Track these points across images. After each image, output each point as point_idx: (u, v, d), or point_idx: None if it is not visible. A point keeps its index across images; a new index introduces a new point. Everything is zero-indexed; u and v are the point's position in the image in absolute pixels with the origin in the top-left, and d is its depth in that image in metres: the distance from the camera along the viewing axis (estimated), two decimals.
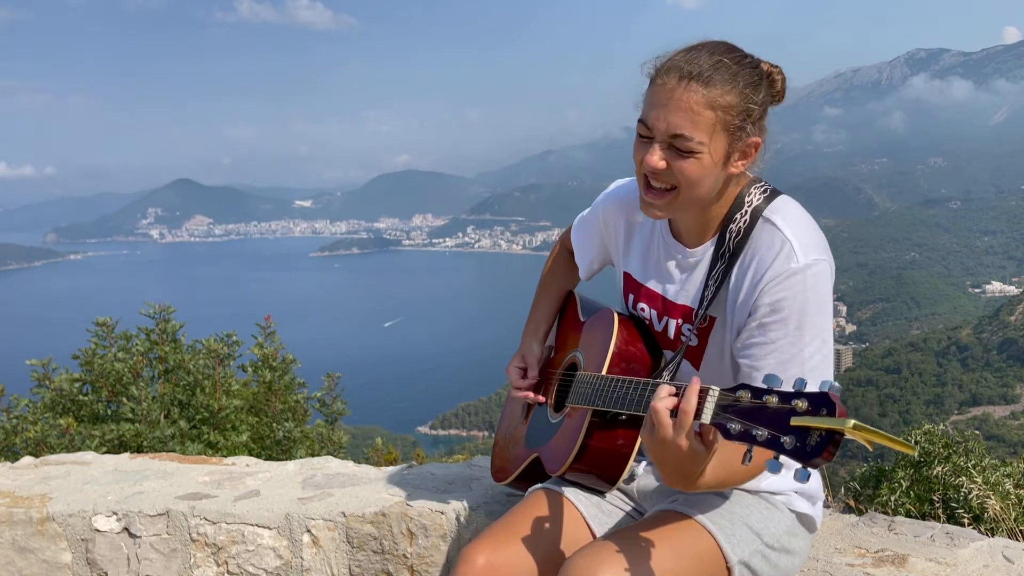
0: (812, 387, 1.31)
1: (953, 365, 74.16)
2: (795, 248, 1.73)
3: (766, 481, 1.91)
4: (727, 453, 1.68)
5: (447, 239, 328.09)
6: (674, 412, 1.49)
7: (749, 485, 1.90)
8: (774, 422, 1.30)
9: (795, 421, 1.26)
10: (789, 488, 1.93)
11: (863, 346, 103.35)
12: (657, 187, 1.76)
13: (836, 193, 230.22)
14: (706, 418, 1.41)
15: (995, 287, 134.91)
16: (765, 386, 1.34)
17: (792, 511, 1.92)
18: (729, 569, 1.79)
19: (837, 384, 1.27)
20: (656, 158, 1.71)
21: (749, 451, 1.34)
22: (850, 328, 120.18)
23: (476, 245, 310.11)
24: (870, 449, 1.25)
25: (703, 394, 1.45)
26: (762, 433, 1.31)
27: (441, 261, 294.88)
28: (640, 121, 1.76)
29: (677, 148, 1.70)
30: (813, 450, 1.24)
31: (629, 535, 1.78)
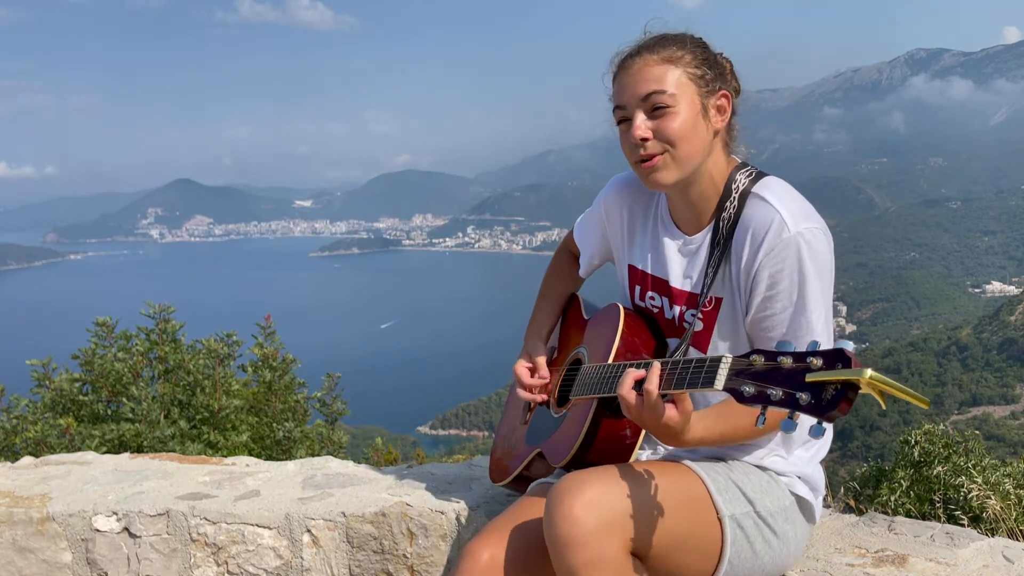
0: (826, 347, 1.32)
1: (953, 365, 74.07)
2: (785, 218, 1.78)
3: (770, 459, 1.92)
4: (726, 409, 1.74)
5: (447, 239, 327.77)
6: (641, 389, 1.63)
7: (753, 460, 1.92)
8: (789, 381, 1.31)
9: (811, 377, 1.26)
10: (792, 471, 1.94)
11: (863, 346, 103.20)
12: (651, 155, 1.83)
13: (836, 193, 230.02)
14: (719, 385, 1.43)
15: (995, 287, 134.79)
16: (778, 349, 1.34)
17: (793, 493, 1.93)
18: (720, 521, 1.79)
19: (851, 343, 1.27)
20: (641, 127, 1.80)
21: (763, 413, 1.34)
22: (850, 328, 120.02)
23: (476, 245, 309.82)
24: (883, 407, 1.24)
25: (705, 363, 1.50)
26: (777, 392, 1.31)
27: (441, 261, 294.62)
28: (615, 109, 1.87)
29: (653, 109, 1.80)
30: (829, 403, 1.25)
31: (626, 466, 1.80)
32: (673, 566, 1.75)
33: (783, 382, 1.31)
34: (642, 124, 1.80)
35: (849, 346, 1.26)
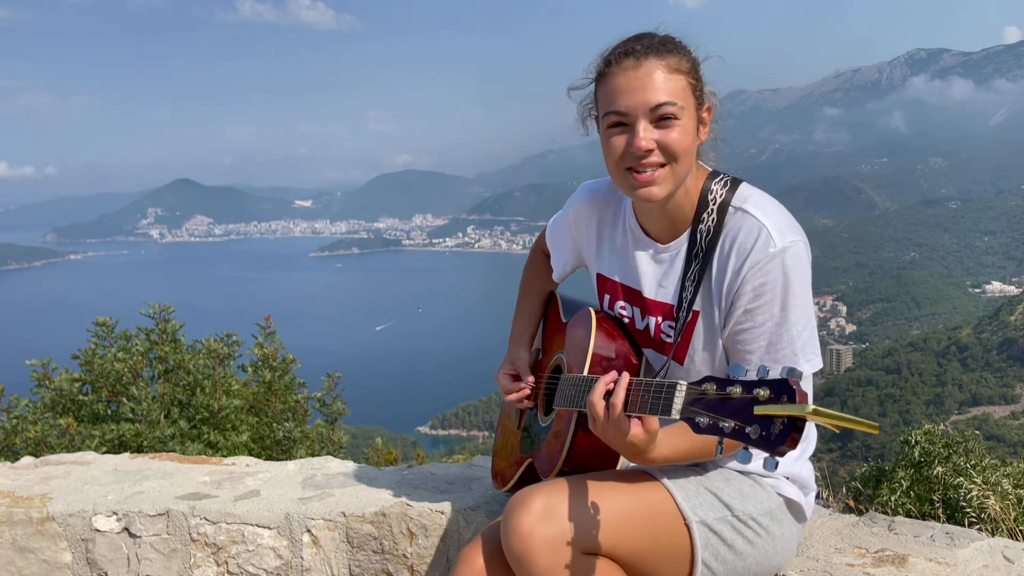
0: (797, 364, 1.30)
1: (953, 365, 74.07)
2: (771, 232, 1.76)
3: (755, 463, 1.91)
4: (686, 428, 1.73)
5: (447, 239, 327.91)
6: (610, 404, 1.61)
7: (736, 465, 1.92)
8: (738, 412, 1.31)
9: (758, 410, 1.26)
10: (780, 472, 1.93)
11: (863, 346, 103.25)
12: (648, 170, 1.76)
13: (836, 193, 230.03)
14: (675, 414, 1.43)
15: (995, 287, 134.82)
16: (730, 376, 1.34)
17: (780, 495, 1.93)
18: (688, 526, 1.78)
19: (799, 369, 1.26)
20: (646, 139, 1.73)
21: (720, 443, 1.35)
22: (850, 328, 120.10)
23: (476, 245, 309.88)
24: (836, 431, 1.26)
25: (662, 388, 1.48)
26: (728, 424, 1.32)
27: (441, 261, 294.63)
28: (609, 113, 1.76)
29: (661, 119, 1.72)
30: (777, 438, 1.24)
31: (582, 477, 1.80)
32: (648, 571, 1.77)
33: (734, 414, 1.31)
34: (647, 135, 1.73)
35: (796, 374, 1.25)
